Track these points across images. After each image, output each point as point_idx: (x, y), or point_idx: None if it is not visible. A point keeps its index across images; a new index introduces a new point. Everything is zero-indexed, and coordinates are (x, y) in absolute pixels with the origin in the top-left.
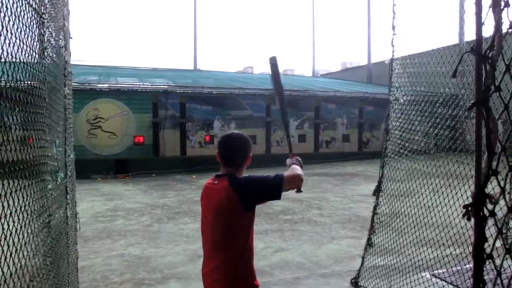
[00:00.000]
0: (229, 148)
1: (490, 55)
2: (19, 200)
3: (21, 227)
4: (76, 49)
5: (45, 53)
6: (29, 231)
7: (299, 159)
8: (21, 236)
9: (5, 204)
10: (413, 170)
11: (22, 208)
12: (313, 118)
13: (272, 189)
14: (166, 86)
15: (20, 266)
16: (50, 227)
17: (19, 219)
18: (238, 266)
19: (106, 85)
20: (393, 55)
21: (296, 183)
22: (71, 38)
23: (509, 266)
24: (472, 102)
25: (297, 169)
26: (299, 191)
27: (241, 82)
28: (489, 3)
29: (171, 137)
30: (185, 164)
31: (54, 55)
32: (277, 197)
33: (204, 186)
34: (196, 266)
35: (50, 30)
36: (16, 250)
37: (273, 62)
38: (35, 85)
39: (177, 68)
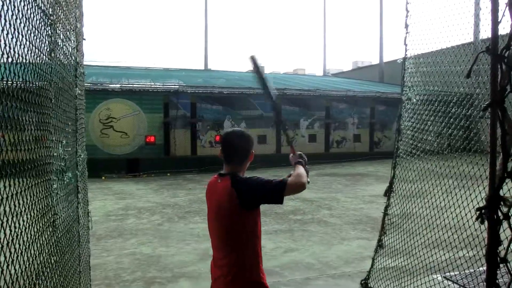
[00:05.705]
0: (229, 146)
1: (506, 55)
2: (23, 200)
3: (29, 226)
4: (88, 50)
5: (52, 55)
6: (35, 229)
7: (303, 154)
8: (29, 235)
9: (14, 203)
10: (425, 171)
11: (30, 208)
12: (324, 118)
13: (273, 195)
14: (177, 86)
15: (29, 265)
16: (55, 227)
17: (27, 218)
18: (241, 264)
19: (118, 85)
20: (406, 54)
21: (298, 191)
22: (84, 39)
23: None
24: (487, 102)
25: (301, 176)
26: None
27: (251, 82)
28: (506, 0)
29: (182, 137)
30: (196, 163)
31: (62, 56)
32: (279, 202)
33: (209, 183)
34: (206, 265)
35: (58, 31)
36: (25, 249)
37: (254, 61)
38: (41, 85)
39: (188, 68)
